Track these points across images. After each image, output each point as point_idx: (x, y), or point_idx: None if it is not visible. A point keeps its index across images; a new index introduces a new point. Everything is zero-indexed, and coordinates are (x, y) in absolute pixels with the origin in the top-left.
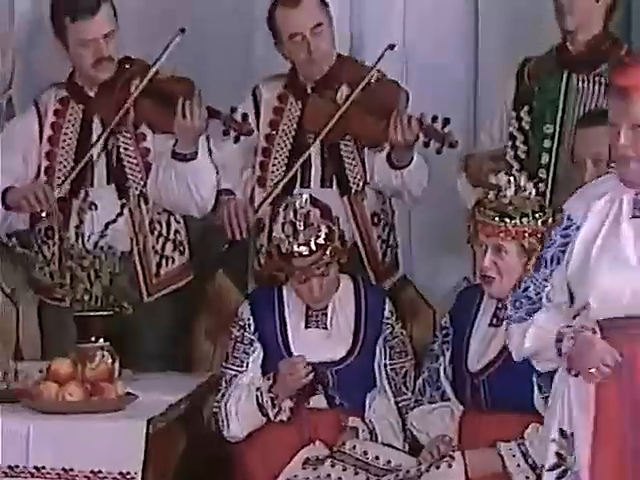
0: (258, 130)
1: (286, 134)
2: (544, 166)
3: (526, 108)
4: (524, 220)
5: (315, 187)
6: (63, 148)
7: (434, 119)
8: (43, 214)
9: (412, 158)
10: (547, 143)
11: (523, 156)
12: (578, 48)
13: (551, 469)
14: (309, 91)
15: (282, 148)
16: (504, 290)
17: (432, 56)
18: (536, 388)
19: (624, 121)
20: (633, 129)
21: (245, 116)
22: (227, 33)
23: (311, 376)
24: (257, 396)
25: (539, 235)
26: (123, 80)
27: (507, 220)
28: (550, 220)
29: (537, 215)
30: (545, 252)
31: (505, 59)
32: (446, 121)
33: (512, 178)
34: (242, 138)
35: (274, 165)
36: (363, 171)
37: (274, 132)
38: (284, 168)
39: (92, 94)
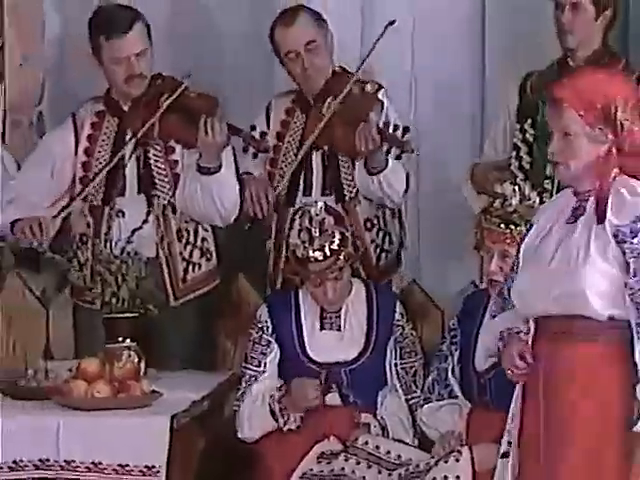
0: (264, 139)
1: (291, 145)
2: (549, 177)
3: (529, 121)
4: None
5: (316, 195)
6: (97, 159)
7: (395, 128)
8: (34, 245)
9: (385, 163)
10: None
11: (527, 167)
12: (578, 63)
13: (502, 457)
14: (312, 102)
15: (287, 158)
16: None
17: (440, 73)
18: None
19: (556, 129)
20: (564, 137)
21: (263, 134)
22: (248, 51)
23: (318, 401)
24: (270, 404)
25: None
26: (153, 96)
27: (512, 227)
28: None
29: None
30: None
31: (510, 77)
32: (405, 130)
33: (517, 187)
34: (259, 154)
35: (280, 175)
36: (353, 180)
37: (280, 143)
38: (289, 177)
39: (126, 108)
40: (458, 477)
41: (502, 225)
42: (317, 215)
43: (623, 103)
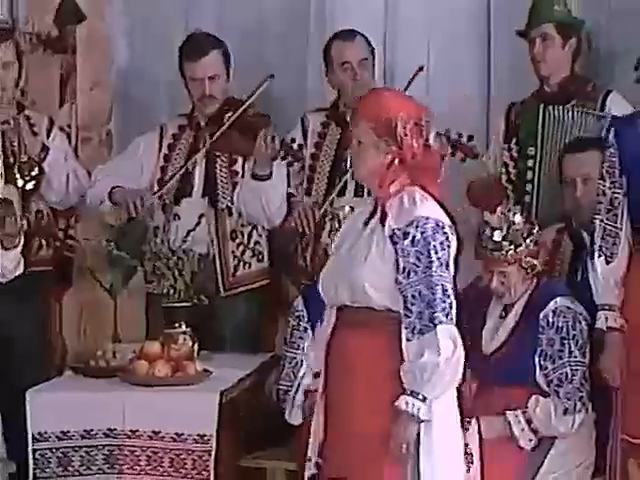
0: (300, 151)
1: (328, 153)
2: (529, 181)
3: (514, 140)
4: (519, 249)
5: (349, 195)
6: (174, 165)
7: (459, 135)
8: (133, 214)
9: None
10: (530, 162)
11: (514, 178)
12: (552, 89)
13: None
14: (347, 118)
15: (324, 164)
16: (514, 297)
17: (450, 81)
18: (537, 366)
19: (353, 137)
20: (358, 145)
21: (300, 146)
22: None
23: None
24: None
25: (535, 253)
26: (223, 113)
27: (504, 252)
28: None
29: (528, 240)
30: None
31: (514, 90)
32: (470, 138)
33: (503, 216)
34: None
35: (318, 179)
36: None
37: (318, 151)
38: (326, 181)
39: (203, 124)
40: (467, 444)
41: (495, 252)
42: (345, 218)
43: (404, 120)
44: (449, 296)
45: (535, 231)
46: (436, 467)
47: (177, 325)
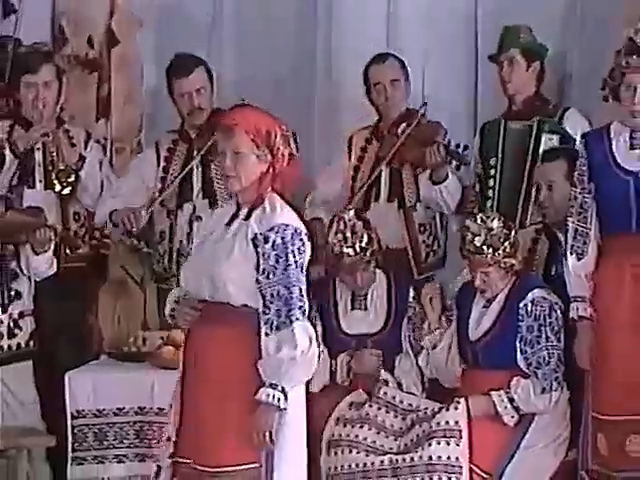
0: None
1: (367, 165)
2: (491, 187)
3: (489, 155)
4: (497, 252)
5: (382, 201)
6: (172, 174)
7: (457, 145)
8: (133, 230)
9: (447, 176)
10: (492, 171)
11: (478, 185)
12: (518, 107)
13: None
14: (385, 132)
15: (364, 175)
16: (494, 293)
17: (442, 99)
18: (518, 350)
19: (228, 149)
20: (235, 155)
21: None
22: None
23: (380, 364)
24: (331, 364)
25: (512, 253)
26: (212, 124)
27: (484, 256)
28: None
29: (505, 243)
30: None
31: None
32: (465, 147)
33: (482, 223)
34: None
35: (358, 189)
36: (416, 191)
37: (359, 164)
38: (365, 190)
39: (193, 135)
40: (457, 422)
41: (476, 256)
42: (349, 220)
43: (279, 132)
44: (304, 296)
45: (512, 235)
46: (286, 449)
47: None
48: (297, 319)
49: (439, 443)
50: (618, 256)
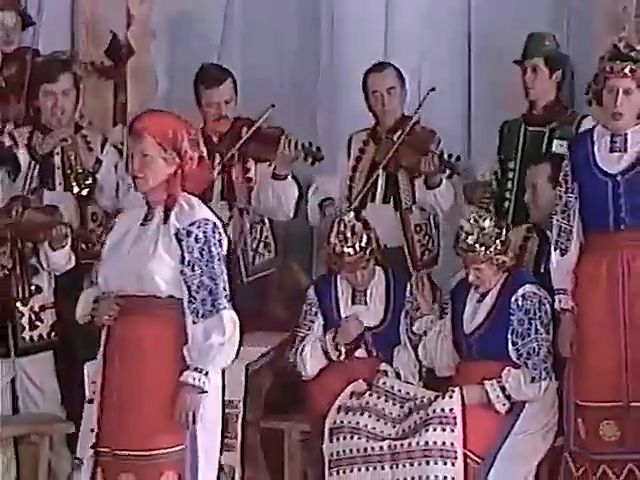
0: (319, 152)
1: (365, 166)
2: (509, 190)
3: (503, 155)
4: (489, 250)
5: (378, 203)
6: None
7: (450, 156)
8: None
9: (441, 181)
10: (510, 174)
11: (495, 183)
12: (538, 111)
13: (89, 402)
14: (382, 137)
15: (362, 176)
16: (487, 288)
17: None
18: (510, 342)
19: (137, 152)
20: (143, 158)
21: (319, 148)
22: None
23: (363, 328)
24: (322, 345)
25: (503, 251)
26: (236, 130)
27: (477, 253)
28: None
29: (497, 241)
30: None
31: (492, 111)
32: (457, 158)
33: (475, 222)
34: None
35: (356, 187)
36: (411, 194)
37: (357, 164)
38: (362, 189)
39: (215, 140)
40: (452, 409)
41: (470, 253)
42: (349, 222)
43: (186, 136)
44: (227, 285)
45: (503, 233)
46: (207, 429)
47: None
48: (224, 307)
49: (435, 429)
50: (597, 253)
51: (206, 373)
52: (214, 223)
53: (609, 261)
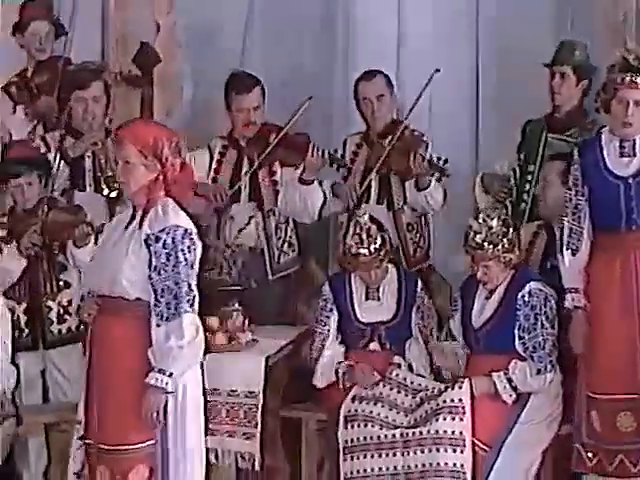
0: (343, 158)
1: (359, 168)
2: (526, 191)
3: (523, 153)
4: (496, 248)
5: (372, 204)
6: (222, 177)
7: (438, 159)
8: (219, 204)
9: (429, 183)
10: (529, 177)
11: (513, 180)
12: (561, 116)
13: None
14: (375, 140)
15: (356, 177)
16: (495, 284)
17: (446, 114)
18: (517, 337)
19: (120, 159)
20: (125, 165)
21: (342, 156)
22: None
23: (374, 380)
24: (337, 369)
25: (510, 249)
26: (264, 135)
27: (485, 251)
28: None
29: (504, 240)
30: None
31: (499, 117)
32: (445, 161)
33: (483, 222)
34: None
35: (352, 189)
36: (403, 195)
37: (352, 165)
38: (360, 192)
39: (243, 144)
40: (461, 400)
41: (478, 251)
42: (365, 224)
43: (167, 143)
44: (193, 290)
45: (510, 232)
46: (187, 426)
47: (231, 304)
48: (185, 311)
49: (445, 419)
50: (609, 252)
51: (170, 374)
52: (185, 229)
53: (622, 260)
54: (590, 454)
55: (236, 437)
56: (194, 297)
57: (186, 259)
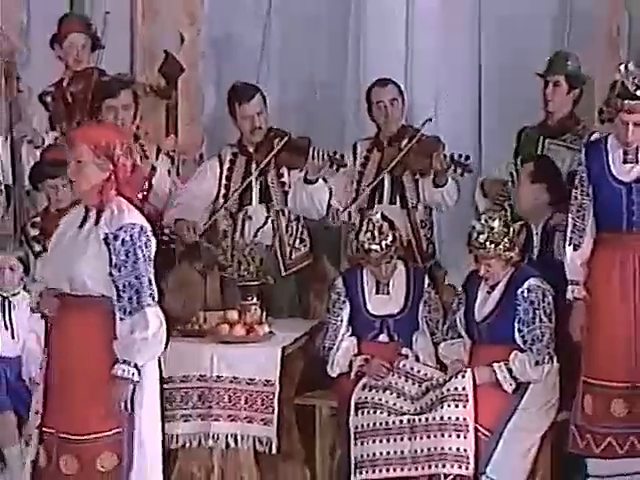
0: (343, 159)
1: (371, 172)
2: None
3: (520, 158)
4: (498, 248)
5: (385, 203)
6: (234, 182)
7: (460, 156)
8: (190, 240)
9: (447, 181)
10: None
11: (511, 184)
12: (554, 123)
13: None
14: (385, 144)
15: (367, 180)
16: (496, 280)
17: (451, 114)
18: (516, 330)
19: (72, 158)
20: (77, 164)
21: (342, 156)
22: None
23: (385, 372)
24: (351, 360)
25: (511, 248)
26: (269, 141)
27: (487, 250)
28: (511, 235)
29: (505, 239)
30: None
31: (500, 127)
32: (467, 157)
33: (486, 222)
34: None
35: (362, 191)
36: (416, 194)
37: (363, 169)
38: (368, 192)
39: (252, 150)
40: (464, 388)
41: (480, 250)
42: (377, 222)
43: (119, 145)
44: (152, 284)
45: (511, 232)
46: (146, 415)
47: (250, 298)
48: (148, 305)
49: (449, 406)
50: (610, 249)
51: (135, 365)
52: (141, 227)
53: (622, 256)
54: (582, 436)
55: (254, 423)
56: (154, 291)
57: (144, 255)
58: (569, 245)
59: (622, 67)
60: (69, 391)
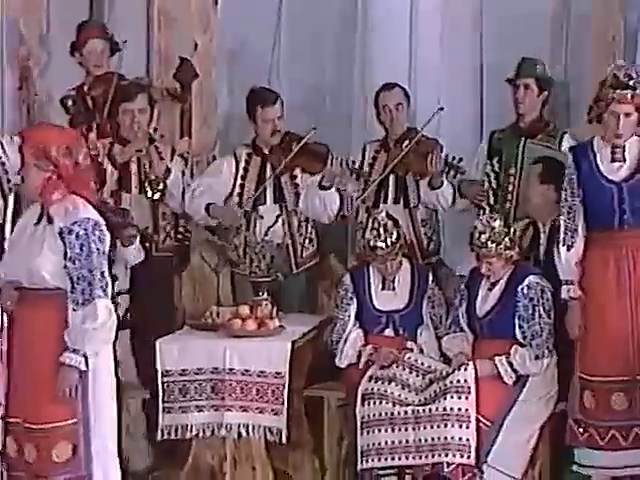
0: (362, 169)
1: (378, 172)
2: (510, 192)
3: (496, 159)
4: (499, 247)
5: (390, 203)
6: (248, 181)
7: (453, 158)
8: (228, 226)
9: (442, 183)
10: (511, 179)
11: (495, 186)
12: (525, 125)
13: None
14: (391, 146)
15: (374, 179)
16: (497, 278)
17: (453, 119)
18: (517, 325)
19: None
20: (25, 164)
21: (360, 167)
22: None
23: (393, 359)
24: (360, 350)
25: (511, 247)
26: (286, 144)
27: (488, 249)
28: (512, 234)
29: (506, 239)
30: None
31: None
32: (460, 159)
33: (487, 223)
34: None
35: (370, 190)
36: (417, 194)
37: (371, 170)
38: (376, 191)
39: (266, 151)
40: (466, 380)
41: (482, 249)
42: (382, 220)
43: (55, 147)
44: (105, 277)
45: (511, 232)
46: (100, 401)
47: (261, 294)
48: (99, 296)
49: (452, 397)
50: (603, 247)
51: (84, 354)
52: (95, 221)
53: (615, 253)
54: (581, 429)
55: (265, 413)
56: (107, 283)
57: (98, 249)
58: (563, 246)
59: (613, 63)
60: (29, 381)
